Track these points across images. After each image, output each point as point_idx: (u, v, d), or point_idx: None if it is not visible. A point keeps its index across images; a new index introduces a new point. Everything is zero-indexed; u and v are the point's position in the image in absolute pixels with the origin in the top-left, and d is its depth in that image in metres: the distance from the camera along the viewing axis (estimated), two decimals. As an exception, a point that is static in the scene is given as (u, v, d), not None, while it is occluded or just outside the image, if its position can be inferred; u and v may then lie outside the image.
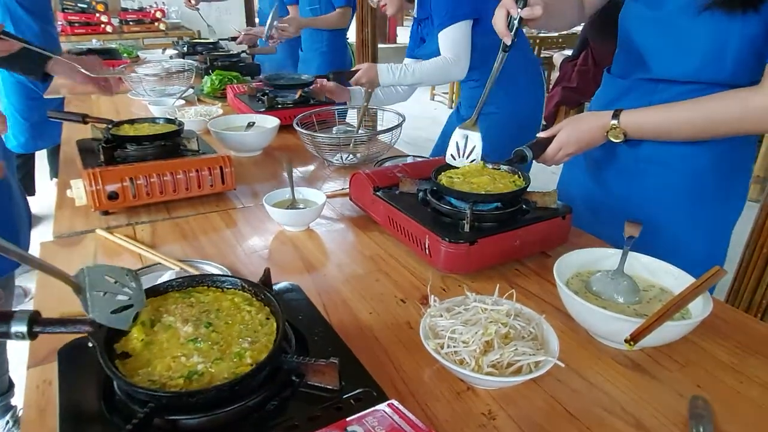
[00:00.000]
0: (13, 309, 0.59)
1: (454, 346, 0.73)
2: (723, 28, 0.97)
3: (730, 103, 0.96)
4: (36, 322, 0.58)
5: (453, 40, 1.77)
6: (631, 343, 0.68)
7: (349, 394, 0.64)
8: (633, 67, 1.15)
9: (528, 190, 1.08)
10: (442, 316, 0.79)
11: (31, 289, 2.51)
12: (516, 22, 1.03)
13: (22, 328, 0.56)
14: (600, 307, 0.76)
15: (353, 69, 1.92)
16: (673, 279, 0.87)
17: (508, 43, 1.05)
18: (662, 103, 1.05)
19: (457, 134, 1.18)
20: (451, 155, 1.19)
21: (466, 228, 0.98)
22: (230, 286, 0.76)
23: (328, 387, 0.63)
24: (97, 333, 0.62)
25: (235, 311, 0.71)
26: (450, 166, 1.17)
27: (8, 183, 1.49)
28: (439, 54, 1.82)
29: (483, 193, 1.03)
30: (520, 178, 1.11)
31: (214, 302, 0.73)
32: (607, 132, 1.07)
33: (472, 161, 1.16)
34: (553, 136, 1.12)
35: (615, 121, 1.05)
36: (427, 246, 1.00)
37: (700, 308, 0.79)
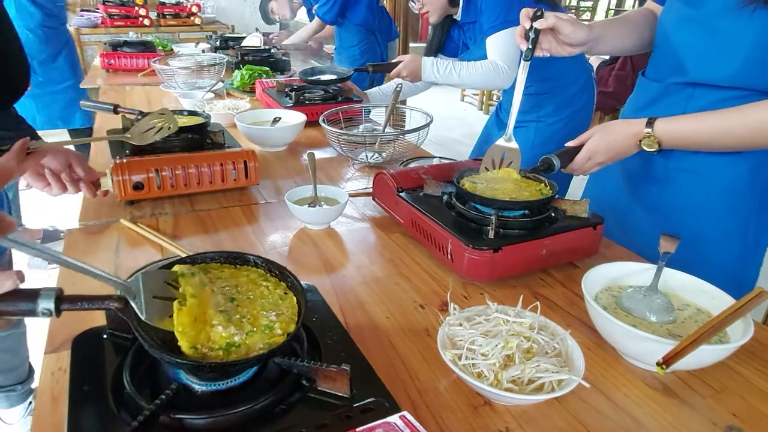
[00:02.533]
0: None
1: (472, 358, 0.69)
2: None
3: None
4: (62, 299, 0.57)
5: (504, 45, 1.71)
6: (663, 366, 0.64)
7: (360, 403, 0.61)
8: (669, 70, 1.09)
9: (558, 197, 1.04)
10: (461, 325, 0.76)
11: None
12: (532, 33, 1.04)
13: (49, 305, 0.56)
14: (630, 325, 0.72)
15: (394, 60, 1.88)
16: (711, 299, 0.82)
17: (523, 49, 1.05)
18: (699, 110, 1.00)
19: (495, 149, 1.13)
20: (485, 168, 1.13)
21: (491, 234, 0.94)
22: (243, 263, 0.76)
23: (339, 394, 0.61)
24: (125, 309, 0.61)
25: (253, 287, 0.71)
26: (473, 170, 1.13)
27: None
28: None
29: (509, 200, 1.00)
30: (546, 186, 1.07)
31: (231, 278, 0.73)
32: (641, 141, 1.01)
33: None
34: (582, 145, 1.07)
35: (649, 130, 1.00)
36: (449, 251, 0.97)
37: (739, 332, 0.74)
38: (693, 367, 0.74)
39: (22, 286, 0.57)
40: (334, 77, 2.05)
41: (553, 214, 1.03)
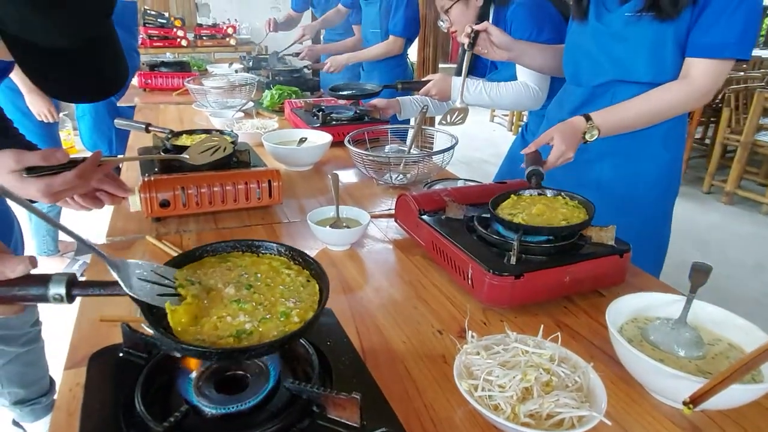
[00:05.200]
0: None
1: (489, 390, 0.67)
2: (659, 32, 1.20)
3: (673, 89, 1.21)
4: (74, 285, 0.57)
5: None
6: (690, 406, 0.60)
7: (371, 433, 0.60)
8: (591, 75, 1.36)
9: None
10: (479, 354, 0.74)
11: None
12: (472, 33, 1.41)
13: (61, 290, 0.56)
14: (657, 360, 0.69)
15: (424, 79, 1.89)
16: (744, 334, 0.78)
17: (465, 43, 1.43)
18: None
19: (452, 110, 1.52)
20: (442, 122, 1.49)
21: (513, 260, 0.92)
22: (265, 251, 0.76)
23: (348, 423, 0.59)
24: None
25: (274, 274, 0.71)
26: (504, 197, 1.12)
27: None
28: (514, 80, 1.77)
29: (536, 225, 0.98)
30: (578, 205, 1.06)
31: (251, 266, 0.73)
32: (584, 133, 1.22)
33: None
34: (536, 150, 1.21)
35: (590, 123, 1.22)
36: (470, 276, 0.95)
37: (775, 371, 0.70)
38: (724, 407, 0.70)
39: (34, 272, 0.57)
40: (363, 92, 2.06)
41: (578, 241, 1.00)
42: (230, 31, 5.34)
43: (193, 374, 0.64)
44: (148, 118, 1.99)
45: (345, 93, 2.08)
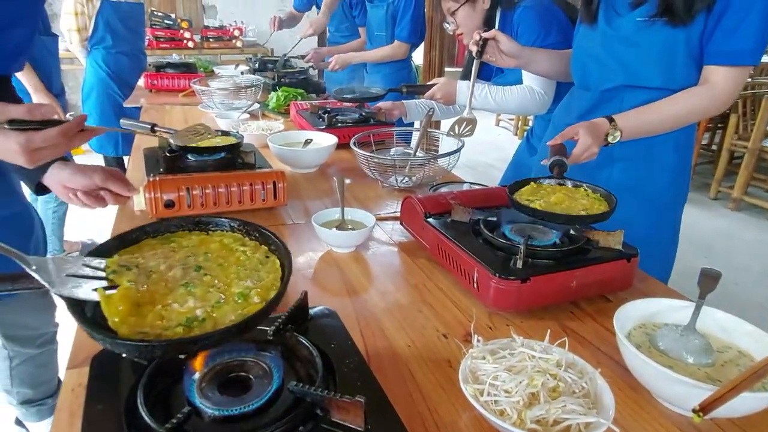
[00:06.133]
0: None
1: (494, 394, 0.66)
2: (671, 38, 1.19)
3: (698, 93, 1.19)
4: None
5: None
6: (700, 414, 0.59)
7: (375, 437, 0.59)
8: (600, 80, 1.35)
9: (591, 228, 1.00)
10: (484, 358, 0.73)
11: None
12: (481, 41, 1.41)
13: None
14: (665, 367, 0.68)
15: (429, 83, 1.89)
16: (754, 341, 0.77)
17: (474, 51, 1.42)
18: (632, 108, 1.26)
19: (460, 120, 1.47)
20: (451, 132, 1.48)
21: (519, 264, 0.91)
22: (216, 228, 0.69)
23: (352, 427, 0.59)
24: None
25: (227, 253, 0.64)
26: (524, 183, 1.13)
27: None
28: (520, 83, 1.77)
29: (553, 212, 0.98)
30: (595, 193, 1.08)
31: (199, 246, 0.66)
32: (606, 135, 1.21)
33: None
34: (562, 143, 1.19)
35: (613, 124, 1.21)
36: (475, 280, 0.95)
37: (786, 379, 0.68)
38: (734, 416, 0.69)
39: None
40: (367, 96, 2.06)
41: (585, 245, 0.99)
42: (237, 33, 5.36)
43: (197, 375, 0.64)
44: (154, 119, 1.99)
45: (349, 96, 2.07)
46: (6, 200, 1.28)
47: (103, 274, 0.59)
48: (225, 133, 1.59)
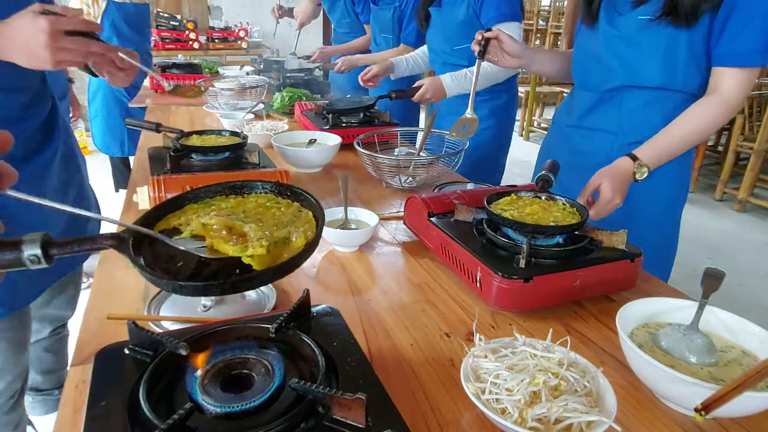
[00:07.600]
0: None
1: (496, 393, 0.66)
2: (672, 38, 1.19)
3: (711, 106, 1.18)
4: (50, 244, 0.52)
5: None
6: (702, 413, 0.59)
7: (376, 435, 0.59)
8: (601, 80, 1.35)
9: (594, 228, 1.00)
10: (486, 357, 0.73)
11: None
12: (483, 41, 1.38)
13: (36, 251, 0.51)
14: (668, 366, 0.67)
15: (415, 86, 1.91)
16: (757, 341, 0.76)
17: (476, 51, 1.38)
18: (631, 110, 1.31)
19: (461, 119, 1.44)
20: (453, 133, 1.47)
21: (522, 263, 0.91)
22: (250, 191, 0.72)
23: (354, 424, 0.59)
24: (121, 245, 0.59)
25: (263, 210, 0.68)
26: (504, 194, 1.11)
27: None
28: None
29: (544, 225, 0.97)
30: (571, 207, 1.06)
31: (237, 206, 0.69)
32: (634, 173, 1.20)
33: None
34: (553, 160, 1.18)
35: (638, 162, 1.19)
36: (478, 279, 0.95)
37: (789, 379, 0.68)
38: (737, 415, 0.69)
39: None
40: (357, 106, 2.06)
41: (588, 245, 0.99)
42: (242, 34, 5.37)
43: (199, 372, 0.64)
44: (159, 119, 1.99)
45: (339, 108, 2.06)
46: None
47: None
48: (231, 134, 1.59)
